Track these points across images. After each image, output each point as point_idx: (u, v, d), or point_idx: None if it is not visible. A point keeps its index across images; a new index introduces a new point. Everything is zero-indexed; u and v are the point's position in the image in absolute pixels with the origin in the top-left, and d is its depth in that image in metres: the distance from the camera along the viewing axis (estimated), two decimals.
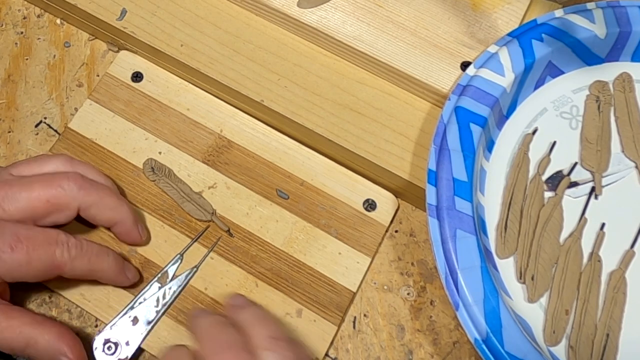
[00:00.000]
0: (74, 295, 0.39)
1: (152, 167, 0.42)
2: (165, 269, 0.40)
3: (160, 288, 0.39)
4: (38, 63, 0.46)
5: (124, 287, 0.39)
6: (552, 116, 0.41)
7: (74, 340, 0.35)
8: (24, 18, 0.48)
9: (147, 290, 0.39)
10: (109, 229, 0.39)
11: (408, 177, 0.40)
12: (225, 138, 0.43)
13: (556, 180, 0.40)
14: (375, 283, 0.41)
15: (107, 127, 0.43)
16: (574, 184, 0.40)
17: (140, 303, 0.39)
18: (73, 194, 0.36)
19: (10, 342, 0.34)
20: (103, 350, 0.37)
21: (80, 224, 0.39)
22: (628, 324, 0.37)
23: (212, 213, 0.41)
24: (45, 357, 0.34)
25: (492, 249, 0.38)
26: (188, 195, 0.41)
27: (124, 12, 0.44)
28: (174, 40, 0.43)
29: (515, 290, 0.37)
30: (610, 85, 0.42)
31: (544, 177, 0.40)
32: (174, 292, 0.39)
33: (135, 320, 0.38)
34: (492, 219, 0.39)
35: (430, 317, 0.40)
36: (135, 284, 0.39)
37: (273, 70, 0.43)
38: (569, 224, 0.39)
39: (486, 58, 0.40)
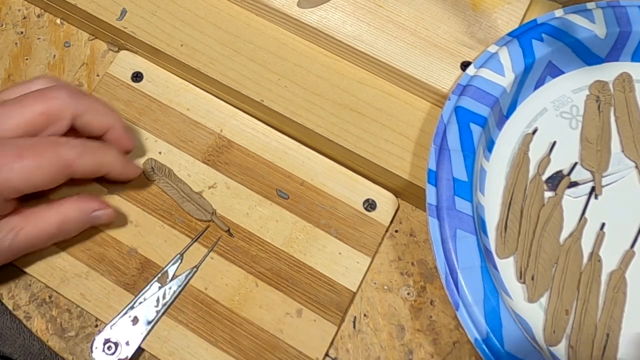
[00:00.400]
0: (74, 295, 0.39)
1: (152, 167, 0.42)
2: (165, 269, 0.40)
3: (160, 288, 0.39)
4: (38, 63, 0.46)
5: (125, 288, 0.39)
6: (552, 116, 0.41)
7: (95, 197, 0.38)
8: (24, 18, 0.48)
9: (147, 290, 0.39)
10: (98, 139, 0.39)
11: (408, 177, 0.40)
12: (225, 138, 0.43)
13: (556, 180, 0.40)
14: (375, 283, 0.41)
15: None
16: (574, 184, 0.40)
17: (140, 303, 0.39)
18: (66, 102, 0.36)
19: (46, 233, 0.36)
20: (103, 350, 0.37)
21: None
22: (628, 324, 0.37)
23: (212, 213, 0.41)
24: (82, 224, 0.38)
25: (492, 248, 0.38)
26: (188, 195, 0.41)
27: (124, 12, 0.44)
28: (174, 40, 0.43)
29: (515, 290, 0.37)
30: (610, 85, 0.42)
31: (544, 177, 0.40)
32: (174, 292, 0.39)
33: (135, 320, 0.38)
34: (492, 219, 0.39)
35: (430, 317, 0.40)
36: (135, 283, 0.39)
37: (273, 70, 0.43)
38: (569, 224, 0.39)
39: (486, 58, 0.40)
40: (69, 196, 0.38)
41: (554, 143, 0.41)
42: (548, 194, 0.39)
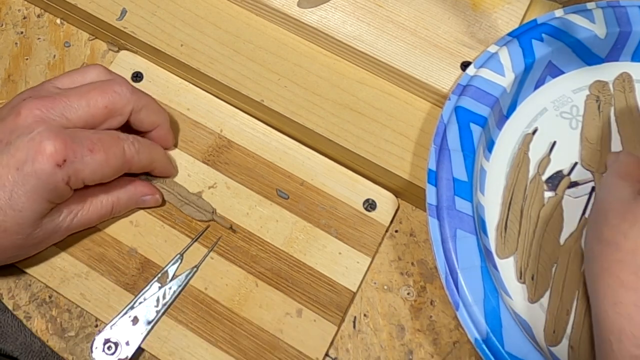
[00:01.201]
0: (74, 295, 0.39)
1: (146, 174, 0.41)
2: (165, 269, 0.40)
3: (160, 288, 0.39)
4: (38, 63, 0.46)
5: (125, 288, 0.39)
6: (552, 116, 0.41)
7: (144, 182, 0.41)
8: (24, 18, 0.48)
9: (147, 290, 0.39)
10: (143, 134, 0.40)
11: (408, 177, 0.40)
12: (225, 138, 0.43)
13: (556, 180, 0.40)
14: (375, 283, 0.41)
15: None
16: (574, 184, 0.40)
17: (140, 303, 0.39)
18: (127, 98, 0.38)
19: (99, 214, 0.39)
20: (103, 350, 0.37)
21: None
22: None
23: (212, 212, 0.41)
24: (131, 206, 0.41)
25: (492, 248, 0.38)
26: (186, 198, 0.41)
27: (124, 12, 0.44)
28: (174, 40, 0.43)
29: (515, 290, 0.37)
30: (610, 85, 0.42)
31: (544, 177, 0.40)
32: (174, 292, 0.39)
33: (135, 320, 0.38)
34: (492, 219, 0.39)
35: (430, 317, 0.40)
36: (135, 283, 0.39)
37: (273, 70, 0.43)
38: (569, 224, 0.39)
39: (486, 58, 0.40)
40: (118, 181, 0.39)
41: (554, 143, 0.41)
42: (548, 194, 0.39)
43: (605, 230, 0.32)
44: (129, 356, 0.38)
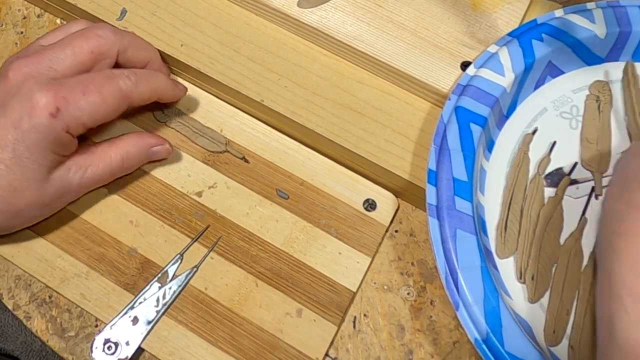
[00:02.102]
0: (74, 295, 0.39)
1: (161, 109, 0.43)
2: (165, 269, 0.40)
3: (160, 288, 0.39)
4: None
5: (125, 288, 0.39)
6: (552, 116, 0.41)
7: (152, 134, 0.41)
8: (24, 18, 0.48)
9: (147, 290, 0.39)
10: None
11: (408, 177, 0.40)
12: (225, 138, 0.43)
13: (556, 177, 0.40)
14: (375, 283, 0.41)
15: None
16: (574, 182, 0.40)
17: (140, 303, 0.39)
18: (111, 40, 0.38)
19: (110, 167, 0.39)
20: (103, 350, 0.37)
21: None
22: None
23: (226, 143, 0.42)
24: (142, 159, 0.41)
25: (492, 249, 0.38)
26: (200, 130, 0.43)
27: (124, 12, 0.44)
28: (174, 40, 0.43)
29: (515, 290, 0.37)
30: (610, 85, 0.42)
31: (544, 174, 0.40)
32: (174, 292, 0.39)
33: (135, 320, 0.38)
34: (492, 219, 0.39)
35: (430, 317, 0.40)
36: (135, 283, 0.39)
37: (273, 70, 0.43)
38: (569, 224, 0.39)
39: (486, 58, 0.40)
40: (127, 134, 0.40)
41: (554, 143, 0.41)
42: (548, 194, 0.39)
43: (638, 194, 0.31)
44: (129, 356, 0.38)
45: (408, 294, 0.41)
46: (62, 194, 0.38)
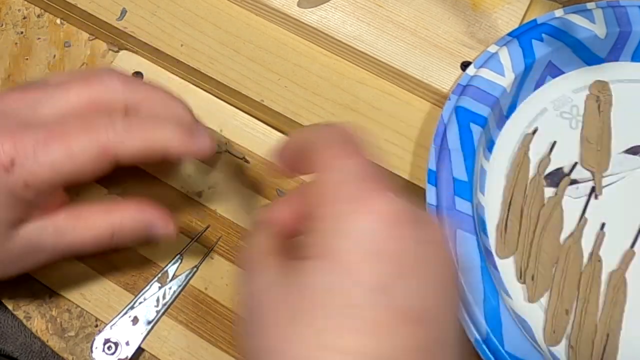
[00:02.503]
0: (74, 295, 0.39)
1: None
2: (165, 269, 0.40)
3: (160, 288, 0.39)
4: (38, 63, 0.46)
5: (125, 288, 0.39)
6: (552, 116, 0.41)
7: (156, 208, 0.33)
8: (24, 18, 0.48)
9: (147, 290, 0.39)
10: None
11: (408, 177, 0.40)
12: (225, 138, 0.43)
13: (556, 177, 0.40)
14: None
15: None
16: (574, 182, 0.40)
17: (140, 303, 0.39)
18: (118, 90, 0.31)
19: (96, 237, 0.32)
20: (103, 350, 0.37)
21: None
22: (628, 324, 0.37)
23: (226, 143, 0.42)
24: (136, 235, 0.33)
25: (492, 249, 0.38)
26: None
27: (124, 12, 0.44)
28: (174, 40, 0.43)
29: (515, 290, 0.37)
30: (610, 85, 0.42)
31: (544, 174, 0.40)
32: (174, 292, 0.39)
33: (135, 320, 0.38)
34: (492, 219, 0.39)
35: None
36: (135, 283, 0.39)
37: (273, 70, 0.43)
38: (569, 224, 0.39)
39: (486, 58, 0.40)
40: (127, 199, 0.34)
41: (554, 143, 0.41)
42: (548, 194, 0.39)
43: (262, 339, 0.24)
44: (129, 356, 0.38)
45: None
46: (31, 253, 0.31)
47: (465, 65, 0.41)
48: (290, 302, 0.23)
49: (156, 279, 0.40)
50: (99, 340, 0.38)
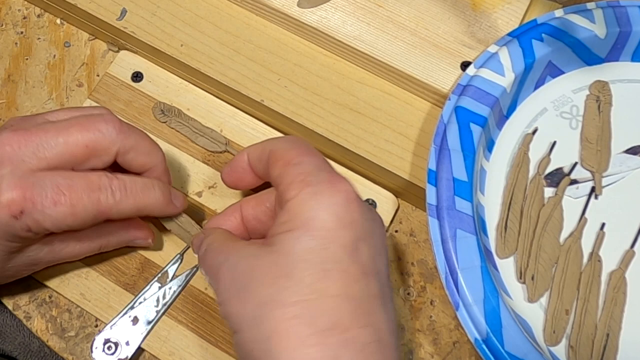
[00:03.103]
0: (74, 295, 0.39)
1: (161, 110, 0.43)
2: (165, 269, 0.40)
3: (160, 288, 0.39)
4: (38, 63, 0.46)
5: (125, 288, 0.39)
6: (552, 116, 0.41)
7: (139, 224, 0.38)
8: (24, 18, 0.48)
9: (147, 290, 0.39)
10: (138, 175, 0.37)
11: (408, 177, 0.40)
12: (225, 138, 0.43)
13: (556, 177, 0.40)
14: None
15: None
16: (574, 182, 0.40)
17: (140, 303, 0.39)
18: (112, 137, 0.34)
19: (85, 253, 0.37)
20: (103, 350, 0.37)
21: None
22: (628, 324, 0.37)
23: (226, 143, 0.42)
24: (120, 246, 0.39)
25: (492, 248, 0.38)
26: (200, 131, 0.42)
27: (124, 12, 0.44)
28: (174, 40, 0.43)
29: (515, 290, 0.37)
30: (610, 85, 0.42)
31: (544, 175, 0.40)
32: (174, 292, 0.39)
33: (135, 320, 0.38)
34: (492, 219, 0.39)
35: (430, 317, 0.40)
36: (135, 283, 0.39)
37: (273, 70, 0.43)
38: (569, 224, 0.39)
39: (486, 58, 0.40)
40: (114, 223, 0.37)
41: (554, 143, 0.41)
42: (548, 194, 0.39)
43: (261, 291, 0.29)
44: (129, 356, 0.38)
45: (408, 294, 0.41)
46: (27, 268, 0.36)
47: (465, 65, 0.41)
48: (279, 265, 0.29)
49: (156, 279, 0.40)
50: (99, 340, 0.38)
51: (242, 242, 0.33)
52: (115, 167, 0.36)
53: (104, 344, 0.38)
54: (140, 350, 0.38)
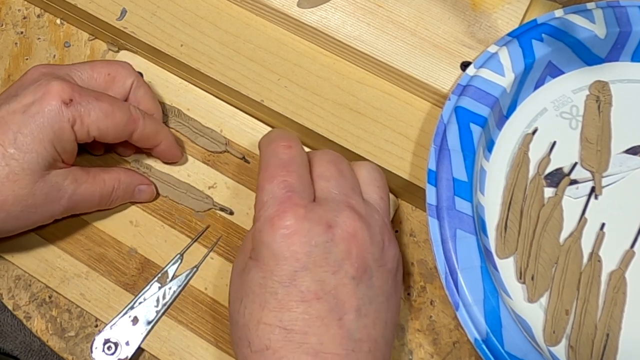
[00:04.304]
0: (74, 295, 0.39)
1: (162, 110, 0.42)
2: (165, 269, 0.40)
3: (160, 288, 0.39)
4: (38, 63, 0.46)
5: (125, 288, 0.39)
6: (552, 116, 0.41)
7: (140, 174, 0.41)
8: (24, 18, 0.48)
9: (147, 290, 0.39)
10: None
11: (408, 177, 0.40)
12: (225, 138, 0.43)
13: (556, 177, 0.40)
14: None
15: None
16: (574, 182, 0.40)
17: (140, 303, 0.39)
18: (129, 70, 0.40)
19: (102, 190, 0.39)
20: (103, 350, 0.37)
21: None
22: (628, 324, 0.37)
23: (226, 143, 0.42)
24: (128, 194, 0.40)
25: (492, 249, 0.38)
26: (200, 131, 0.42)
27: (124, 12, 0.44)
28: (174, 40, 0.43)
29: (515, 290, 0.37)
30: (610, 85, 0.42)
31: (544, 175, 0.40)
32: (174, 292, 0.39)
33: (135, 320, 0.38)
34: (492, 219, 0.39)
35: (430, 317, 0.40)
36: (135, 283, 0.39)
37: (273, 70, 0.43)
38: (569, 224, 0.39)
39: (486, 58, 0.40)
40: (120, 167, 0.41)
41: (554, 143, 0.41)
42: (548, 194, 0.39)
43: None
44: (129, 356, 0.38)
45: (408, 294, 0.41)
46: (51, 201, 0.36)
47: (465, 65, 0.41)
48: (242, 287, 0.33)
49: (156, 279, 0.40)
50: (99, 340, 0.38)
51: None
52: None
53: (104, 344, 0.38)
54: (140, 350, 0.38)
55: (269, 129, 0.43)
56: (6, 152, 0.34)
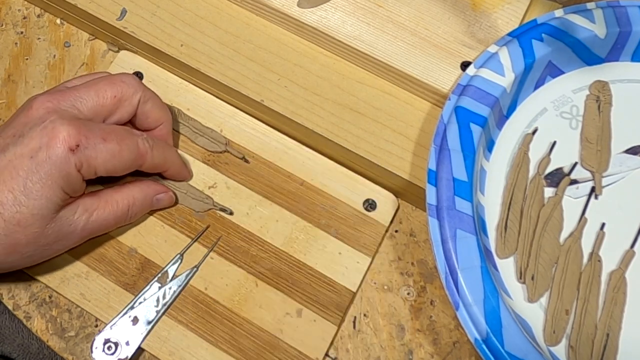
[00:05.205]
0: (74, 295, 0.39)
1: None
2: (165, 269, 0.40)
3: (160, 288, 0.39)
4: (38, 63, 0.46)
5: (125, 288, 0.39)
6: (552, 116, 0.41)
7: (157, 183, 0.41)
8: (24, 18, 0.48)
9: (147, 290, 0.39)
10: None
11: (408, 177, 0.40)
12: (225, 138, 0.43)
13: (556, 177, 0.40)
14: (375, 283, 0.41)
15: None
16: (574, 182, 0.40)
17: (140, 303, 0.39)
18: (135, 86, 0.38)
19: (115, 215, 0.38)
20: (103, 350, 0.37)
21: None
22: (628, 324, 0.37)
23: (226, 143, 0.42)
24: (146, 207, 0.40)
25: (492, 248, 0.38)
26: (200, 131, 0.42)
27: (124, 12, 0.44)
28: (174, 40, 0.43)
29: (515, 290, 0.37)
30: (610, 85, 0.42)
31: (544, 175, 0.40)
32: (174, 292, 0.39)
33: (135, 320, 0.38)
34: (492, 219, 0.39)
35: (430, 317, 0.40)
36: (135, 283, 0.39)
37: (273, 70, 0.43)
38: (569, 224, 0.39)
39: (486, 58, 0.40)
40: (131, 182, 0.40)
41: (554, 143, 0.41)
42: (548, 194, 0.39)
43: None
44: (129, 356, 0.38)
45: (408, 294, 0.41)
46: (64, 237, 0.37)
47: (465, 65, 0.41)
48: None
49: (156, 279, 0.40)
50: (99, 340, 0.38)
51: None
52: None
53: (104, 344, 0.38)
54: (140, 350, 0.38)
55: (269, 129, 0.43)
56: (16, 199, 0.34)
